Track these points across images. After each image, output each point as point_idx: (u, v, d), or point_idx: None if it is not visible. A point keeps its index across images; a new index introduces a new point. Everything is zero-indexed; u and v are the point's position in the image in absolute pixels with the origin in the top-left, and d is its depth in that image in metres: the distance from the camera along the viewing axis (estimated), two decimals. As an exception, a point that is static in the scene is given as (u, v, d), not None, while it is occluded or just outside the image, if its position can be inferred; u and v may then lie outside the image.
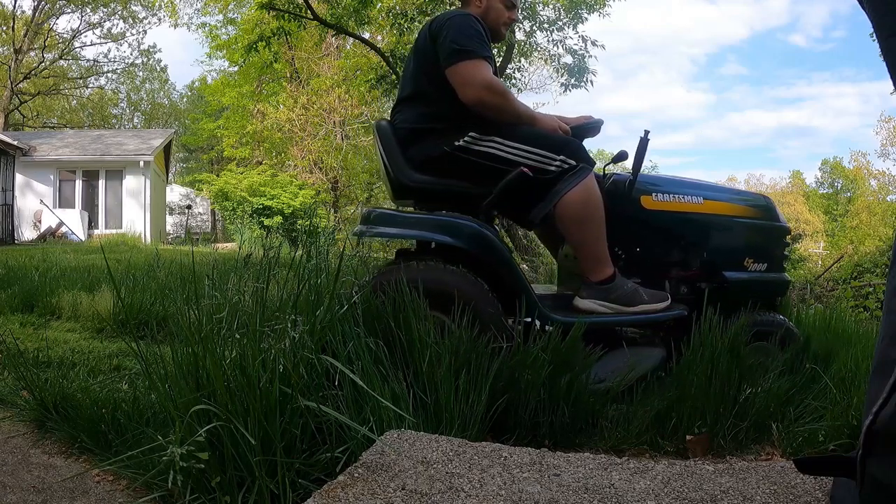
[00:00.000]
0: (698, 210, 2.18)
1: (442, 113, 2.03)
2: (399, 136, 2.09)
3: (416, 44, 2.15)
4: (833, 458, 1.02)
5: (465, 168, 2.03)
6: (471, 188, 2.06)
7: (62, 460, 1.54)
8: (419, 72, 2.10)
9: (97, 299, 3.42)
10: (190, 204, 23.31)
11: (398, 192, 2.16)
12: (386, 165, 2.13)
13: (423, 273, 1.85)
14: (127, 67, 28.41)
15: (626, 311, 2.01)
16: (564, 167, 1.99)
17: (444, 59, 1.97)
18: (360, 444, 1.35)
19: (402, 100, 2.15)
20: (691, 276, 2.23)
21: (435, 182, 2.07)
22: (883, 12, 0.94)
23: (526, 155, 1.99)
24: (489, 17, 2.14)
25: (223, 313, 1.55)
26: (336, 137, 19.59)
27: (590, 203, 1.97)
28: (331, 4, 9.06)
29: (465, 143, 2.01)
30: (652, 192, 2.16)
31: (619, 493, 1.15)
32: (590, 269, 2.03)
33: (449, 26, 2.00)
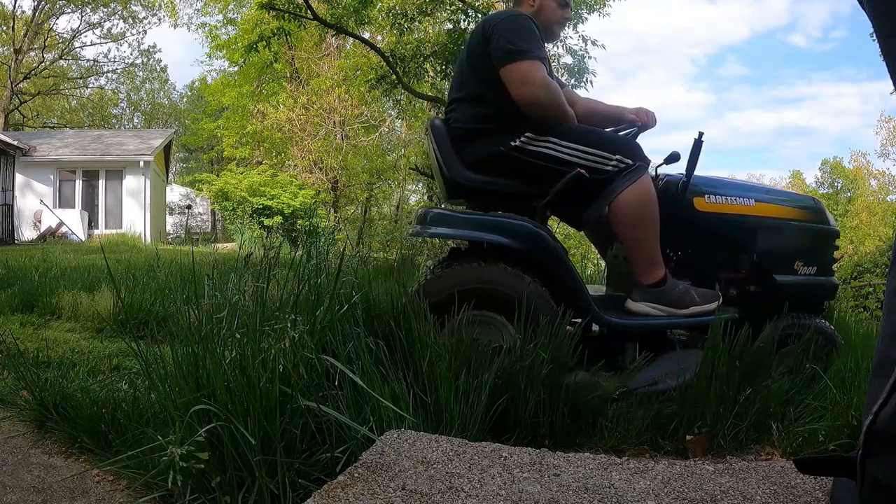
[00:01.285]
0: (750, 212, 2.16)
1: (496, 113, 2.02)
2: (453, 136, 2.09)
3: (468, 44, 2.15)
4: (833, 458, 1.02)
5: (521, 168, 2.02)
6: (525, 188, 2.05)
7: (62, 460, 1.54)
8: (472, 72, 2.08)
9: (97, 299, 3.42)
10: (190, 204, 23.31)
11: (452, 192, 2.16)
12: (440, 164, 2.13)
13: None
14: (127, 67, 28.43)
15: (677, 313, 1.99)
16: (620, 167, 1.98)
17: (497, 59, 1.96)
18: (360, 444, 1.35)
19: (455, 100, 2.14)
20: (741, 278, 2.20)
21: (489, 182, 2.06)
22: (883, 12, 0.94)
23: (582, 155, 1.98)
24: (542, 17, 2.13)
25: (223, 313, 1.55)
26: (336, 137, 19.58)
27: (645, 203, 1.96)
28: (331, 4, 9.06)
29: (521, 143, 1.99)
30: (705, 194, 2.14)
31: (619, 493, 1.15)
32: (642, 270, 2.02)
33: (502, 26, 1.99)
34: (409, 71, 9.15)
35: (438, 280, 1.87)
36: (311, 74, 20.08)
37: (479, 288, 1.82)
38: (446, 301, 1.82)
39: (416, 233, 2.06)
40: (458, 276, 1.86)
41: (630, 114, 2.24)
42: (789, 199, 2.33)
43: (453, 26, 8.59)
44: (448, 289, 1.84)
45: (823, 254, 2.26)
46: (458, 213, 2.09)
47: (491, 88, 2.00)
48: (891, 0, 0.93)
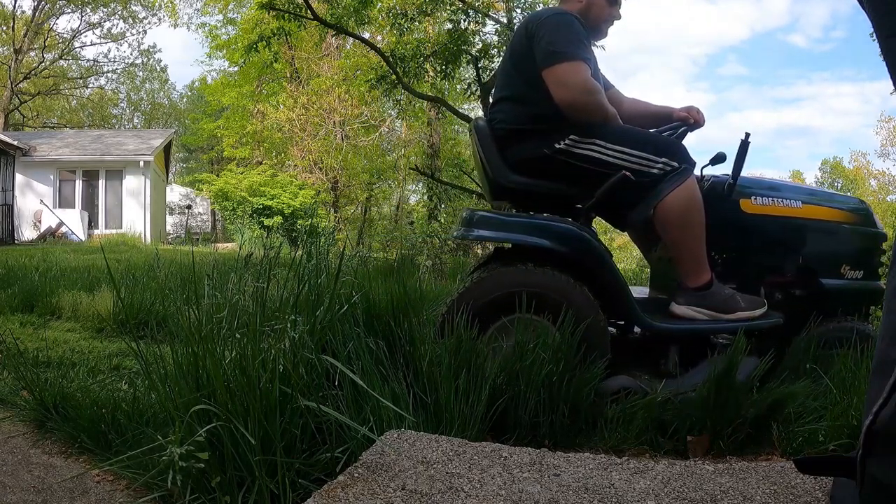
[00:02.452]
0: (797, 215, 2.12)
1: (540, 114, 2.00)
2: (497, 137, 2.07)
3: (512, 44, 2.12)
4: (833, 458, 1.02)
5: (565, 170, 2.00)
6: (569, 190, 2.04)
7: (62, 460, 1.54)
8: (515, 73, 2.06)
9: (97, 299, 3.42)
10: (190, 204, 23.30)
11: (496, 193, 2.15)
12: (483, 165, 2.11)
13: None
14: (127, 67, 28.43)
15: (722, 317, 1.96)
16: (667, 170, 1.96)
17: (540, 60, 1.94)
18: (360, 444, 1.35)
19: (499, 100, 2.12)
20: (787, 282, 2.16)
21: (533, 184, 2.05)
22: (883, 12, 0.94)
23: (627, 157, 1.95)
24: (591, 15, 2.09)
25: (223, 313, 1.55)
26: (336, 137, 19.59)
27: (691, 206, 1.94)
28: (331, 4, 9.06)
29: (566, 145, 1.97)
30: (751, 196, 2.11)
31: (619, 493, 1.15)
32: (687, 273, 1.99)
33: (545, 26, 1.96)
34: (409, 71, 9.15)
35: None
36: (311, 74, 20.08)
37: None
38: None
39: (460, 235, 2.05)
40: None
41: (679, 112, 2.20)
42: (836, 200, 2.29)
43: (453, 26, 8.59)
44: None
45: (870, 257, 2.21)
46: (503, 215, 2.07)
47: (534, 89, 1.98)
48: (891, 0, 0.93)
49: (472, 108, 16.93)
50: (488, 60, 8.95)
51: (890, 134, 36.41)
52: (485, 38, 9.29)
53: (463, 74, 11.17)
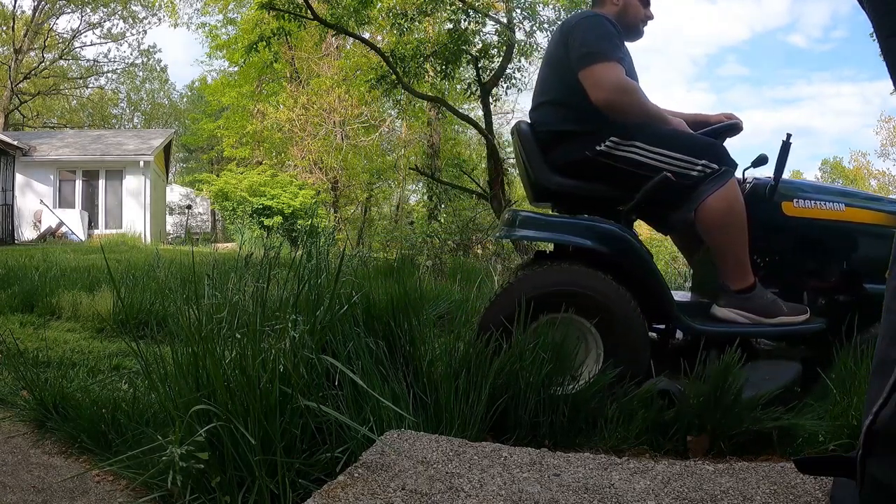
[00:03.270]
0: (841, 218, 2.08)
1: (581, 116, 2.01)
2: (540, 139, 2.08)
3: (549, 47, 2.14)
4: (833, 458, 1.02)
5: (606, 173, 2.01)
6: (611, 192, 2.04)
7: (62, 460, 1.54)
8: (553, 76, 2.08)
9: (97, 299, 3.42)
10: (190, 204, 23.30)
11: (538, 195, 2.16)
12: (526, 167, 2.12)
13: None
14: (127, 67, 28.41)
15: (764, 322, 1.95)
16: (707, 172, 1.95)
17: (575, 62, 1.95)
18: (360, 444, 1.35)
19: (540, 104, 2.13)
20: (830, 287, 2.13)
21: (575, 185, 2.05)
22: (883, 12, 0.94)
23: (668, 160, 1.96)
24: (628, 16, 2.11)
25: (223, 313, 1.55)
26: (336, 137, 19.59)
27: (733, 208, 1.93)
28: (331, 4, 9.05)
29: (607, 147, 1.98)
30: (793, 198, 2.08)
31: (619, 493, 1.15)
32: (730, 276, 1.98)
33: (578, 29, 1.98)
34: (409, 71, 9.14)
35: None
36: (311, 74, 20.08)
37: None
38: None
39: (503, 235, 2.05)
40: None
41: (717, 117, 2.21)
42: (880, 203, 2.24)
43: (453, 26, 8.58)
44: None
45: None
46: (546, 215, 2.08)
47: (573, 92, 1.99)
48: (891, 0, 0.93)
49: (472, 108, 16.94)
50: (488, 60, 8.96)
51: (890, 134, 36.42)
52: (485, 38, 9.29)
53: (463, 74, 11.16)
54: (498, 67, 8.95)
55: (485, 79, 8.96)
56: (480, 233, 9.32)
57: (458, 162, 16.70)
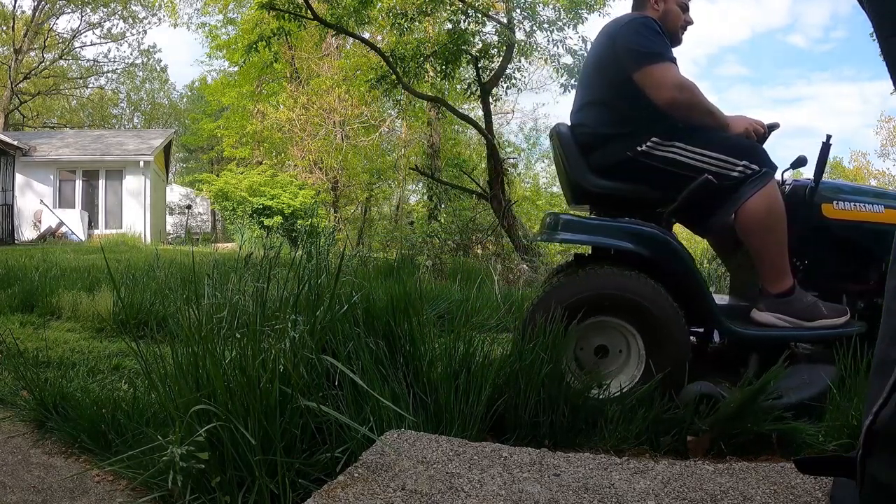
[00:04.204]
0: (881, 220, 2.06)
1: (624, 118, 2.01)
2: (580, 141, 2.09)
3: (594, 49, 2.14)
4: (833, 458, 1.02)
5: (647, 173, 2.01)
6: (650, 193, 2.05)
7: (62, 460, 1.54)
8: (599, 77, 2.08)
9: (97, 299, 3.42)
10: (190, 204, 23.30)
11: (577, 196, 2.15)
12: (565, 169, 2.12)
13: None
14: (127, 67, 28.41)
15: (804, 325, 1.94)
16: (747, 173, 1.95)
17: (630, 63, 1.95)
18: (360, 444, 1.35)
19: (582, 106, 2.14)
20: (869, 290, 2.11)
21: (615, 187, 2.05)
22: (883, 12, 0.94)
23: (708, 160, 1.96)
24: (668, 21, 2.13)
25: (223, 313, 1.55)
26: (336, 137, 19.58)
27: (772, 210, 1.92)
28: (331, 4, 9.05)
29: (648, 147, 1.98)
30: (833, 200, 2.06)
31: (619, 493, 1.15)
32: (769, 280, 1.97)
33: (631, 30, 1.99)
34: (409, 71, 9.14)
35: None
36: (311, 74, 20.07)
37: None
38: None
39: (545, 238, 2.06)
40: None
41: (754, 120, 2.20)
42: None
43: (453, 26, 8.58)
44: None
45: None
46: (587, 219, 2.07)
47: (617, 94, 2.00)
48: (891, 0, 0.93)
49: (472, 108, 16.94)
50: (488, 60, 8.95)
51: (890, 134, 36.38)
52: (485, 38, 9.28)
53: (463, 74, 11.16)
54: (498, 67, 8.95)
55: (485, 79, 8.96)
56: (480, 233, 9.32)
57: (458, 162, 16.69)
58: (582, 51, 8.86)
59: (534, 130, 23.38)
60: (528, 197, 18.56)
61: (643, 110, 1.96)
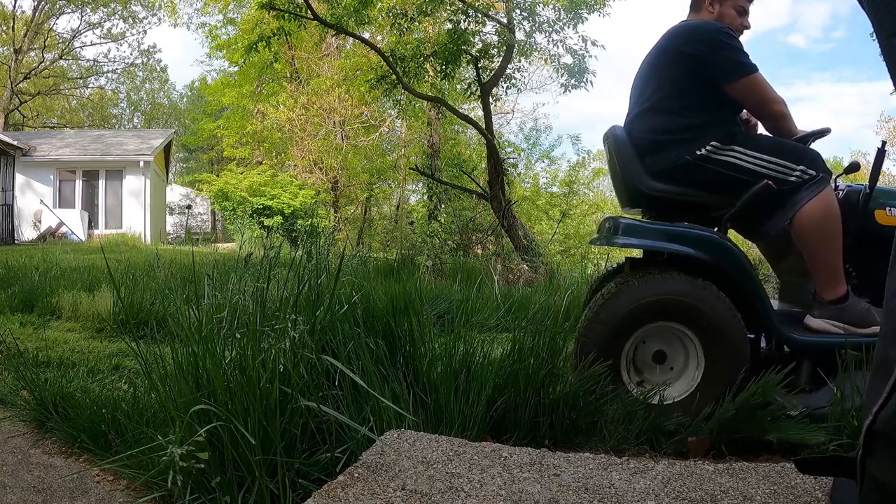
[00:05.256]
0: None
1: (686, 124, 2.03)
2: (638, 145, 2.09)
3: (658, 56, 2.12)
4: (833, 458, 1.02)
5: (705, 177, 2.02)
6: (707, 198, 2.05)
7: (62, 460, 1.54)
8: (666, 84, 2.07)
9: (97, 299, 3.42)
10: (190, 204, 23.30)
11: (633, 200, 2.16)
12: (621, 173, 2.13)
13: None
14: (127, 67, 28.42)
15: (857, 332, 1.92)
16: (804, 178, 1.95)
17: (723, 73, 1.97)
18: (360, 444, 1.35)
19: (640, 112, 2.14)
20: None
21: (673, 190, 2.06)
22: (883, 12, 0.94)
23: (767, 165, 1.96)
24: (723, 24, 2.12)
25: (223, 313, 1.55)
26: (336, 137, 19.58)
27: (829, 216, 1.92)
28: (331, 4, 9.05)
29: (707, 152, 1.99)
30: (887, 206, 2.04)
31: (619, 493, 1.15)
32: (824, 286, 1.96)
33: (715, 40, 1.98)
34: (409, 71, 9.14)
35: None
36: (311, 74, 20.07)
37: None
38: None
39: (605, 243, 2.06)
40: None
41: None
42: None
43: (453, 26, 8.58)
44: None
45: None
46: (648, 223, 2.07)
47: (684, 99, 2.02)
48: (891, 0, 0.93)
49: (472, 108, 16.94)
50: (488, 60, 8.95)
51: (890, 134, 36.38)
52: (485, 38, 9.28)
53: (463, 74, 11.16)
54: (498, 67, 8.94)
55: (485, 79, 8.96)
56: (480, 233, 9.32)
57: (458, 162, 16.69)
58: (582, 51, 8.86)
59: (534, 130, 23.39)
60: (528, 197, 18.53)
61: (704, 116, 1.98)
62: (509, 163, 11.22)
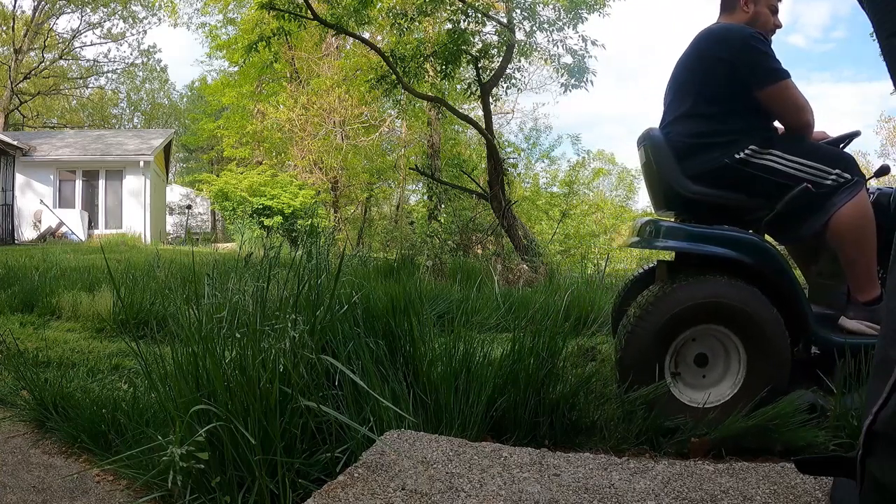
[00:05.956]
0: None
1: (724, 128, 2.05)
2: (676, 148, 2.11)
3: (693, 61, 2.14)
4: (833, 458, 1.02)
5: (743, 181, 2.04)
6: (744, 201, 2.07)
7: (62, 460, 1.54)
8: (702, 88, 2.09)
9: (97, 299, 3.42)
10: (190, 204, 23.31)
11: (670, 202, 2.17)
12: (659, 175, 2.14)
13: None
14: (127, 67, 28.43)
15: None
16: (840, 182, 1.98)
17: (756, 79, 1.98)
18: (360, 444, 1.35)
19: (677, 117, 2.16)
20: None
21: (711, 194, 2.07)
22: (883, 12, 0.94)
23: (804, 168, 1.99)
24: (758, 24, 2.14)
25: (223, 313, 1.55)
26: (336, 137, 19.58)
27: (864, 219, 1.94)
28: (331, 4, 9.04)
29: (746, 155, 2.01)
30: None
31: (619, 493, 1.15)
32: (858, 287, 1.98)
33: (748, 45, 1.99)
34: (409, 71, 9.14)
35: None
36: (311, 74, 20.07)
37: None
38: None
39: (645, 245, 2.07)
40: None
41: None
42: None
43: (453, 26, 8.58)
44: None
45: None
46: (689, 226, 2.07)
47: (716, 105, 2.04)
48: (891, 0, 0.93)
49: (472, 108, 16.94)
50: (488, 60, 8.95)
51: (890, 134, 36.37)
52: (485, 38, 9.28)
53: (463, 74, 11.16)
54: (498, 67, 8.94)
55: (485, 79, 8.95)
56: (480, 233, 9.31)
57: (458, 162, 16.70)
58: (582, 50, 8.86)
59: (534, 130, 23.40)
60: (528, 197, 18.54)
61: (742, 120, 2.00)
62: (509, 163, 11.22)
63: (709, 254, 1.95)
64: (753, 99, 1.99)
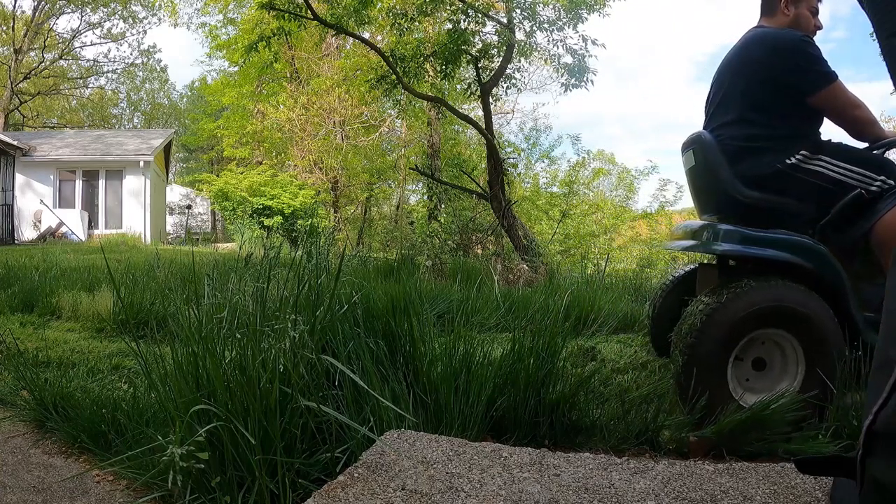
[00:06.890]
0: None
1: (776, 133, 2.07)
2: (727, 152, 2.12)
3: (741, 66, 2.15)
4: (833, 458, 1.02)
5: (794, 186, 2.06)
6: (796, 206, 2.08)
7: (62, 460, 1.54)
8: (751, 93, 2.10)
9: (97, 299, 3.42)
10: (190, 204, 23.30)
11: (721, 206, 2.18)
12: (709, 179, 2.16)
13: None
14: (127, 67, 28.43)
15: None
16: (884, 188, 2.00)
17: (808, 85, 2.01)
18: (360, 444, 1.35)
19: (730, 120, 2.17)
20: None
21: (764, 198, 2.08)
22: (883, 12, 0.95)
23: (851, 174, 2.02)
24: (799, 26, 2.16)
25: (223, 313, 1.55)
26: (336, 137, 19.58)
27: None
28: (331, 4, 9.04)
29: (797, 161, 2.04)
30: None
31: (619, 493, 1.15)
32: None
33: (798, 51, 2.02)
34: (409, 71, 9.13)
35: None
36: (311, 74, 20.06)
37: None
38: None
39: (705, 249, 2.08)
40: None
41: None
42: None
43: (453, 26, 8.57)
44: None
45: None
46: (747, 230, 2.08)
47: (766, 110, 2.06)
48: (891, 0, 0.93)
49: (472, 108, 16.93)
50: (488, 60, 8.94)
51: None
52: (485, 38, 9.27)
53: (463, 74, 11.16)
54: (498, 67, 8.94)
55: (485, 79, 8.95)
56: (480, 233, 9.31)
57: (458, 162, 16.69)
58: (582, 50, 8.85)
59: (534, 130, 23.37)
60: (528, 197, 18.51)
61: (791, 125, 2.02)
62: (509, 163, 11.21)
63: (769, 258, 1.96)
64: (803, 104, 2.01)
